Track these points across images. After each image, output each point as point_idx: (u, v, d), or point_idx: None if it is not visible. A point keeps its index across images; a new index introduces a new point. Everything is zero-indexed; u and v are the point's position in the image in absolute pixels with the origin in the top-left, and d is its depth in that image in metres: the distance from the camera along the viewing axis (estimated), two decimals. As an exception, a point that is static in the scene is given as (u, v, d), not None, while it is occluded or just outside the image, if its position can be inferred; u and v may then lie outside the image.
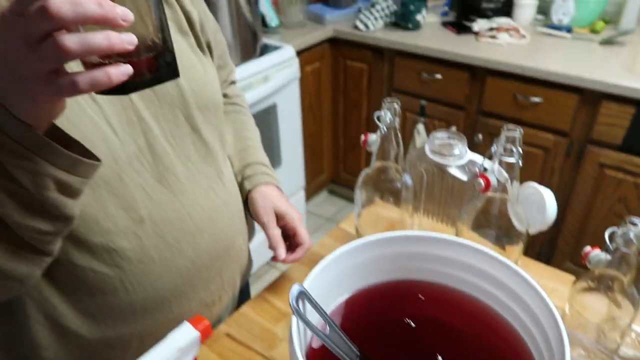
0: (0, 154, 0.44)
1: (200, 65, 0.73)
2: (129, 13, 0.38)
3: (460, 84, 1.95)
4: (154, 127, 0.67)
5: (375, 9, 2.13)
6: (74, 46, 0.37)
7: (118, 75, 0.39)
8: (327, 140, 2.51)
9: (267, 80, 1.93)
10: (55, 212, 0.49)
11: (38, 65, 0.38)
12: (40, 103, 0.42)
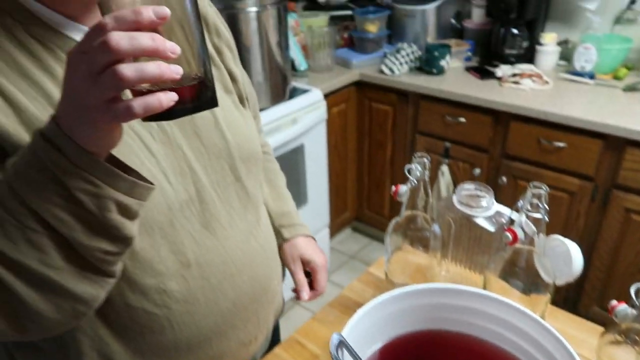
0: (68, 181, 0.49)
1: (243, 120, 0.80)
2: (177, 47, 0.44)
3: (484, 128, 1.99)
4: (203, 177, 0.72)
5: (400, 54, 2.21)
6: (130, 74, 0.42)
7: (167, 100, 0.45)
8: (351, 178, 2.56)
9: (295, 122, 2.00)
10: (116, 233, 0.54)
11: (99, 94, 0.44)
12: (101, 130, 0.47)
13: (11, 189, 0.49)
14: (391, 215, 2.53)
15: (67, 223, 0.50)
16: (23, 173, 0.49)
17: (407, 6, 2.31)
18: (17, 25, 0.58)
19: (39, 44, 0.59)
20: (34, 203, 0.49)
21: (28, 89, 0.57)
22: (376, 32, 2.33)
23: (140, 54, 0.43)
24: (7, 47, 0.57)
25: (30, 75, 0.58)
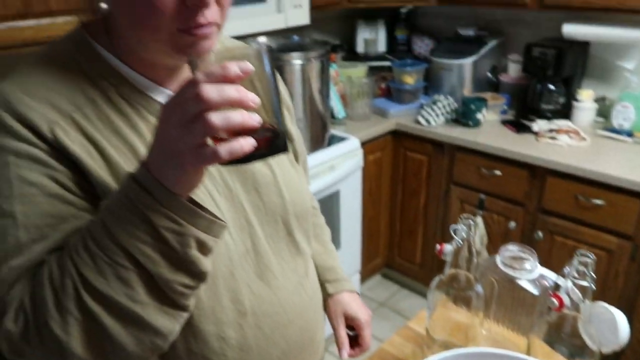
0: (156, 220, 0.54)
1: (297, 177, 0.85)
2: (257, 97, 0.50)
3: (519, 181, 2.00)
4: (259, 231, 0.77)
5: (436, 106, 2.27)
6: (218, 122, 0.48)
7: (248, 146, 0.50)
8: (384, 225, 2.58)
9: (333, 169, 2.06)
10: (194, 268, 0.58)
11: (190, 139, 0.49)
12: (188, 173, 0.53)
13: (104, 227, 0.55)
14: (422, 263, 2.52)
15: (152, 259, 0.55)
16: (116, 212, 0.55)
17: (444, 60, 2.38)
18: (111, 87, 0.65)
19: (128, 104, 0.66)
20: (124, 240, 0.54)
21: (118, 144, 0.64)
22: (413, 84, 2.40)
23: (227, 104, 0.49)
24: (102, 106, 0.64)
25: (120, 132, 0.65)
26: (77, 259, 0.55)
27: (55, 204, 0.59)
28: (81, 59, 0.65)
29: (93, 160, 0.61)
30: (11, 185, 0.58)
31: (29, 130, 0.59)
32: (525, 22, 2.41)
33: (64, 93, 0.62)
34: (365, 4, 2.33)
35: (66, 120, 0.61)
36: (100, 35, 0.66)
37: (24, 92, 0.60)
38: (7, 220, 0.58)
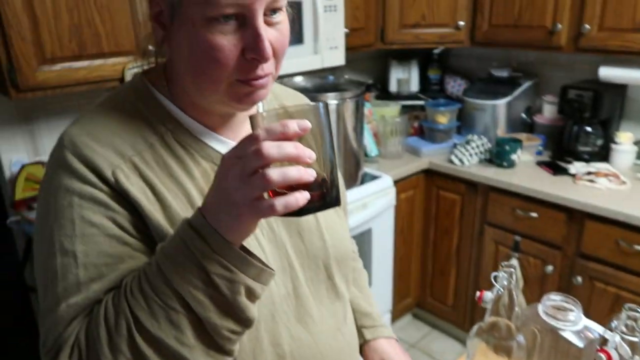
0: (209, 266, 0.56)
1: (339, 221, 0.86)
2: (313, 154, 0.52)
3: (557, 224, 1.96)
4: (300, 274, 0.78)
5: (470, 146, 2.26)
6: (276, 177, 0.50)
7: (303, 199, 0.52)
8: (415, 264, 2.55)
9: (365, 207, 2.06)
10: (241, 315, 0.59)
11: (248, 192, 0.51)
12: (243, 223, 0.55)
13: (159, 270, 0.57)
14: (455, 304, 2.47)
15: (203, 304, 0.57)
16: (171, 256, 0.57)
17: (478, 100, 2.39)
18: (168, 132, 0.69)
19: (183, 148, 0.69)
20: (177, 284, 0.56)
21: (173, 188, 0.67)
22: (446, 124, 2.41)
23: (284, 160, 0.51)
24: (160, 150, 0.68)
25: (175, 176, 0.68)
26: (131, 300, 0.57)
27: (114, 245, 0.62)
28: (142, 105, 0.69)
29: (150, 203, 0.64)
30: (74, 225, 0.61)
31: (93, 174, 0.62)
32: (559, 63, 2.41)
33: (125, 138, 0.66)
34: (399, 45, 2.37)
35: (127, 164, 0.64)
36: (159, 82, 0.71)
37: (90, 136, 0.64)
38: (69, 259, 0.61)
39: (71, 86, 1.48)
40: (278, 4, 0.62)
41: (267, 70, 0.63)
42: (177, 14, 0.61)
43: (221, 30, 0.59)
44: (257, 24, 0.59)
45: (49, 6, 1.36)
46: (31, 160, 1.75)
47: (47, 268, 0.63)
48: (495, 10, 2.21)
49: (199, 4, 0.58)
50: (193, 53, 0.61)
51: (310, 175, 0.52)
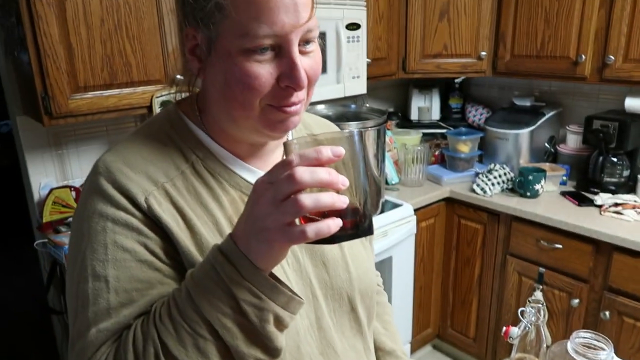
0: (238, 293, 0.55)
1: (365, 253, 0.86)
2: (347, 180, 0.52)
3: (583, 256, 1.92)
4: (323, 305, 0.77)
5: (492, 175, 2.24)
6: (309, 203, 0.50)
7: (335, 226, 0.51)
8: (436, 294, 2.51)
9: (386, 235, 2.05)
10: (269, 344, 0.59)
11: (279, 218, 0.51)
12: (273, 249, 0.54)
13: (188, 295, 0.57)
14: (477, 337, 2.41)
15: (231, 331, 0.57)
16: (201, 282, 0.57)
17: (500, 129, 2.38)
18: (198, 160, 0.70)
19: (212, 176, 0.70)
20: (206, 310, 0.56)
21: (202, 215, 0.68)
22: (468, 153, 2.40)
23: (317, 186, 0.51)
24: (191, 178, 0.69)
25: (204, 203, 0.69)
26: (160, 326, 0.58)
27: (145, 270, 0.63)
28: (174, 134, 0.71)
29: (180, 229, 0.65)
30: (107, 250, 0.63)
31: (126, 200, 0.64)
32: (582, 93, 2.39)
33: (158, 165, 0.67)
34: (421, 75, 2.39)
35: (159, 190, 0.66)
36: (191, 112, 0.73)
37: (124, 163, 0.66)
38: (101, 283, 0.62)
39: (101, 113, 1.52)
40: (312, 35, 0.64)
41: (300, 97, 0.65)
42: (214, 46, 0.63)
43: (258, 60, 0.61)
44: (292, 53, 0.61)
45: (84, 37, 1.42)
46: (59, 184, 1.79)
47: (78, 292, 0.63)
48: (517, 40, 2.22)
49: (236, 36, 0.60)
50: (228, 81, 0.63)
51: (343, 202, 0.52)
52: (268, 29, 0.59)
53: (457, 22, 2.28)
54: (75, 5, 1.39)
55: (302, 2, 0.61)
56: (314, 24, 0.63)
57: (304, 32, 0.62)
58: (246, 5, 0.59)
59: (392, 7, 2.24)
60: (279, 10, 0.59)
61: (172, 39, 1.59)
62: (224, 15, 0.60)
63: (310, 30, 0.63)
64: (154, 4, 1.54)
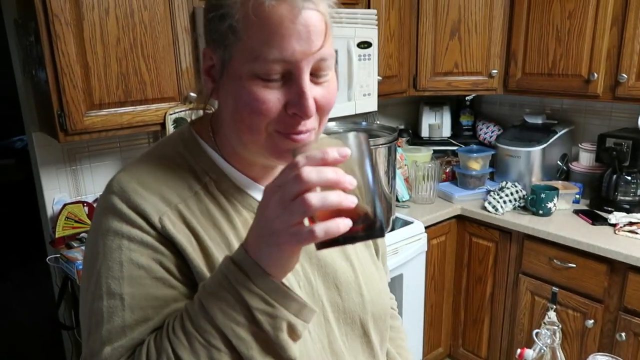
0: (251, 301, 0.55)
1: (378, 275, 0.84)
2: (354, 179, 0.52)
3: (597, 276, 1.89)
4: (335, 329, 0.76)
5: (504, 193, 2.23)
6: (316, 202, 0.49)
7: (344, 226, 0.51)
8: (447, 312, 2.48)
9: (396, 252, 2.04)
10: (283, 354, 0.58)
11: (288, 219, 0.51)
12: (284, 251, 0.54)
13: (201, 306, 0.57)
14: (489, 357, 2.37)
15: (245, 341, 0.56)
16: (213, 291, 0.57)
17: (512, 147, 2.37)
18: (211, 182, 0.70)
19: (226, 198, 0.70)
20: (219, 320, 0.56)
21: (215, 237, 0.68)
22: (479, 170, 2.39)
23: (324, 185, 0.51)
24: (204, 199, 0.69)
25: (218, 225, 0.68)
26: (173, 339, 0.58)
27: (160, 287, 0.63)
28: (188, 155, 0.71)
29: (194, 250, 0.65)
30: (122, 267, 0.63)
31: (141, 218, 0.64)
32: (595, 111, 2.38)
33: (172, 186, 0.68)
34: (431, 92, 2.40)
35: (173, 211, 0.66)
36: (205, 133, 0.73)
37: (138, 183, 0.66)
38: (116, 301, 0.62)
39: (115, 130, 1.54)
40: (325, 64, 0.63)
41: (309, 126, 0.64)
42: (227, 68, 0.63)
43: (266, 85, 0.61)
44: (302, 81, 0.60)
45: (100, 56, 1.45)
46: (72, 199, 1.81)
47: (92, 310, 0.63)
48: (529, 58, 2.22)
49: (247, 60, 0.60)
50: (237, 104, 0.63)
51: (351, 200, 0.51)
52: (278, 54, 0.59)
53: (468, 40, 2.29)
54: (92, 25, 1.42)
55: (315, 29, 0.60)
56: (328, 52, 0.62)
57: (317, 60, 0.61)
58: (258, 29, 0.59)
59: (404, 26, 2.25)
60: (290, 36, 0.58)
61: (186, 57, 1.61)
62: (237, 37, 0.60)
63: (324, 59, 0.62)
64: (169, 23, 1.56)
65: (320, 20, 0.61)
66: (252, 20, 0.59)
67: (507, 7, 2.26)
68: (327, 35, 0.62)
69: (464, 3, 2.26)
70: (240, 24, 0.60)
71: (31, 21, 1.41)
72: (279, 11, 0.58)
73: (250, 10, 0.59)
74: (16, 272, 3.79)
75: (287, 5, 0.59)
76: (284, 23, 0.58)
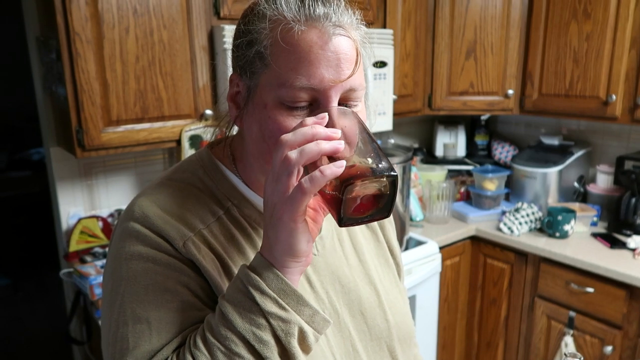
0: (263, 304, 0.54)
1: (401, 298, 0.83)
2: (337, 131, 0.54)
3: (616, 302, 1.84)
4: (364, 357, 0.74)
5: (519, 214, 2.20)
6: (295, 155, 0.52)
7: (331, 169, 0.51)
8: (460, 334, 2.43)
9: (410, 273, 2.01)
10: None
11: (279, 188, 0.53)
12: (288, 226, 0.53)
13: (221, 314, 0.57)
14: (503, 382, 2.32)
15: (269, 344, 0.55)
16: (231, 298, 0.57)
17: (528, 168, 2.34)
18: (234, 207, 0.69)
19: (248, 223, 0.70)
20: (239, 325, 0.55)
21: (239, 262, 0.67)
22: (494, 190, 2.37)
23: (305, 142, 0.53)
24: (227, 224, 0.68)
25: (242, 249, 0.68)
26: (195, 352, 0.56)
27: (187, 310, 0.62)
28: (209, 180, 0.70)
29: (219, 275, 0.64)
30: (147, 291, 0.61)
31: (166, 242, 0.63)
32: (612, 132, 2.35)
33: (194, 211, 0.67)
34: (446, 111, 2.39)
35: (197, 236, 0.65)
36: (225, 158, 0.72)
37: (161, 208, 0.65)
38: (142, 326, 0.60)
39: (131, 146, 1.55)
40: (355, 95, 0.61)
41: None
42: (252, 96, 0.62)
43: (291, 113, 0.59)
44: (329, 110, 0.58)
45: (119, 73, 1.47)
46: (87, 214, 1.82)
47: (117, 337, 0.61)
48: (545, 79, 2.21)
49: (274, 87, 0.59)
50: (262, 133, 0.62)
51: (333, 145, 0.52)
52: (306, 81, 0.57)
53: (483, 60, 2.29)
54: (112, 43, 1.44)
55: (345, 57, 0.59)
56: (358, 82, 0.60)
57: (346, 90, 0.59)
58: (286, 55, 0.58)
59: (419, 46, 2.26)
60: (319, 63, 0.57)
61: (203, 75, 1.63)
62: (264, 64, 0.60)
63: (353, 90, 0.60)
64: (187, 42, 1.58)
65: (351, 47, 0.60)
66: (280, 47, 0.58)
67: (523, 28, 2.25)
68: (357, 63, 0.60)
69: (480, 24, 2.26)
70: (268, 50, 0.59)
71: (53, 39, 1.44)
72: (308, 37, 0.58)
73: (278, 36, 0.58)
74: (29, 283, 3.81)
75: (317, 31, 0.58)
76: (313, 49, 0.57)
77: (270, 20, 0.59)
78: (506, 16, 2.24)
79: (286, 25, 0.58)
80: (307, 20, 0.58)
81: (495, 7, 2.23)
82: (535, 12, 2.20)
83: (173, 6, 1.53)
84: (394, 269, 0.85)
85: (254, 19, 0.61)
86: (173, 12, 1.53)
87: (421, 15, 2.23)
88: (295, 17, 0.58)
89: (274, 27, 0.59)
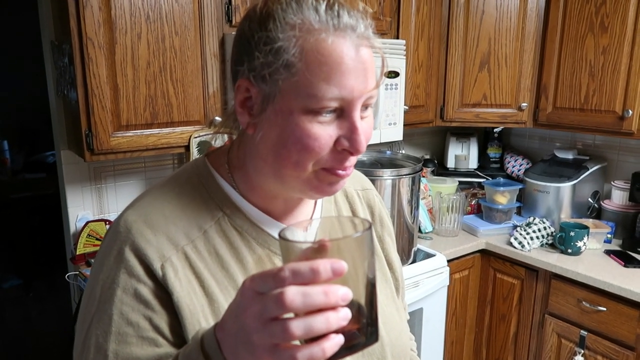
0: None
1: (397, 314, 0.81)
2: (349, 292, 0.44)
3: (629, 322, 1.79)
4: None
5: (531, 229, 2.16)
6: (298, 332, 0.43)
7: (330, 349, 0.44)
8: (468, 350, 2.39)
9: (417, 286, 1.98)
10: None
11: (267, 339, 0.44)
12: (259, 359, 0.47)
13: None
14: (511, 400, 2.27)
15: None
16: None
17: (541, 182, 2.30)
18: (225, 217, 0.68)
19: (238, 234, 0.68)
20: None
21: (223, 280, 0.65)
22: (506, 204, 2.33)
23: (311, 309, 0.44)
24: (214, 237, 0.66)
25: (226, 267, 0.66)
26: None
27: (145, 348, 0.61)
28: (202, 188, 0.69)
29: (196, 297, 0.63)
30: (111, 322, 0.61)
31: (141, 266, 0.62)
32: (629, 148, 2.31)
33: (180, 225, 0.65)
34: (458, 123, 2.37)
35: (179, 255, 0.63)
36: (221, 167, 0.71)
37: (146, 223, 0.64)
38: (100, 356, 0.61)
39: (140, 151, 1.56)
40: (372, 101, 0.63)
41: (353, 162, 0.63)
42: (272, 103, 0.61)
43: (319, 121, 0.59)
44: (355, 117, 0.60)
45: (130, 78, 1.48)
46: (95, 217, 1.83)
47: (81, 357, 0.63)
48: (560, 92, 2.18)
49: (302, 95, 0.58)
50: (285, 140, 0.60)
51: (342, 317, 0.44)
52: (337, 91, 0.58)
53: (497, 72, 2.27)
54: (124, 49, 1.45)
55: (371, 68, 0.60)
56: (376, 90, 0.63)
57: (367, 97, 0.61)
58: (318, 65, 0.57)
59: (432, 57, 2.24)
60: (350, 74, 0.58)
61: (213, 82, 1.63)
62: (291, 73, 0.58)
63: (372, 97, 0.62)
64: (198, 48, 1.59)
65: (374, 57, 0.62)
66: (311, 57, 0.58)
67: (538, 40, 2.23)
68: (381, 73, 0.62)
69: (494, 36, 2.24)
70: (297, 58, 0.58)
71: (66, 43, 1.46)
72: (339, 47, 0.58)
73: (311, 45, 0.58)
74: (39, 283, 3.85)
75: (348, 42, 0.58)
76: (344, 60, 0.58)
77: (298, 28, 0.58)
78: (521, 28, 2.22)
79: (317, 34, 0.58)
80: (335, 31, 0.58)
81: (510, 19, 2.21)
82: (551, 25, 2.17)
83: (185, 13, 1.54)
84: (392, 284, 0.83)
85: (276, 26, 0.59)
86: (185, 19, 1.54)
87: (435, 26, 2.22)
88: (324, 27, 0.58)
89: (302, 35, 0.58)
